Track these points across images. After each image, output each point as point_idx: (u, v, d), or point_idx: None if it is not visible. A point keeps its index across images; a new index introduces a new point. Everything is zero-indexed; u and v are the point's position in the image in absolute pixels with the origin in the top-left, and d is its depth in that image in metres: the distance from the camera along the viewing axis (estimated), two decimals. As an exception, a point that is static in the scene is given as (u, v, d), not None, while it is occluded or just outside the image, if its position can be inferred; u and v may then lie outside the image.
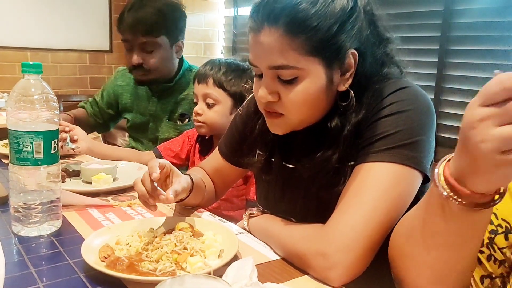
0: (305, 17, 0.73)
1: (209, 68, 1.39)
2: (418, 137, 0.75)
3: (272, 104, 0.80)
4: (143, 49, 1.62)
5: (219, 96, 1.37)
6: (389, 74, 0.83)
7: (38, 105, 0.82)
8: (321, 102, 0.79)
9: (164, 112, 1.75)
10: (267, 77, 0.79)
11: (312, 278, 0.72)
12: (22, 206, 0.83)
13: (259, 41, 0.76)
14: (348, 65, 0.78)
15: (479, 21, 1.79)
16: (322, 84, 0.77)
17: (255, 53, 0.79)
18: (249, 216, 0.93)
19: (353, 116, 0.79)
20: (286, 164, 0.91)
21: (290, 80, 0.76)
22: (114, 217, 0.97)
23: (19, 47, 3.34)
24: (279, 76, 0.77)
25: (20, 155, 0.82)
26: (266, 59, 0.77)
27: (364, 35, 0.78)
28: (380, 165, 0.74)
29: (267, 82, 0.78)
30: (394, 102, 0.77)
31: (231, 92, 1.37)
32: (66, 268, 0.73)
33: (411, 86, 0.81)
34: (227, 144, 1.08)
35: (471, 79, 1.82)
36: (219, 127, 1.38)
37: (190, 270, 0.70)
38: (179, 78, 1.74)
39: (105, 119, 1.90)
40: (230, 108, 1.39)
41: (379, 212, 0.71)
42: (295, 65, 0.75)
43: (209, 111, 1.39)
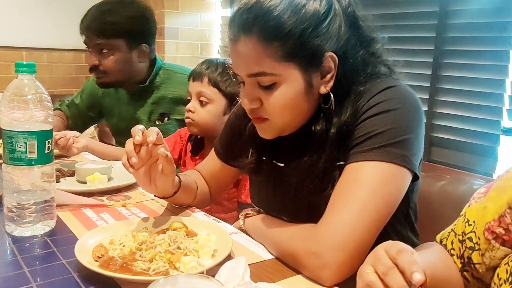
0: (277, 25, 0.75)
1: (206, 67, 1.37)
2: (406, 135, 0.76)
3: (256, 110, 0.82)
4: (99, 50, 1.61)
5: (213, 95, 1.35)
6: (376, 74, 0.84)
7: (32, 105, 0.82)
8: (302, 105, 0.80)
9: (144, 114, 1.73)
10: (248, 85, 0.81)
11: (304, 277, 0.73)
12: (16, 206, 0.83)
13: (237, 51, 0.79)
14: (328, 67, 0.79)
15: (475, 22, 1.79)
16: (300, 88, 0.78)
17: (235, 62, 0.82)
18: (245, 216, 0.94)
19: (336, 119, 0.80)
20: (276, 162, 0.92)
21: (269, 86, 0.78)
22: (109, 217, 0.97)
23: (14, 47, 3.33)
24: (258, 83, 0.79)
25: (14, 155, 0.82)
26: (244, 67, 0.79)
27: (344, 37, 0.79)
28: (369, 164, 0.75)
29: (248, 89, 0.81)
30: (382, 101, 0.78)
31: (226, 93, 1.35)
32: (60, 268, 0.73)
33: (399, 85, 0.81)
34: (222, 144, 1.09)
35: (466, 80, 1.83)
36: (211, 127, 1.36)
37: (184, 270, 0.70)
38: (153, 78, 1.71)
39: (85, 121, 1.88)
40: (223, 108, 1.36)
41: (369, 211, 0.72)
42: (271, 71, 0.77)
43: (201, 110, 1.36)
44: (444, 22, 1.88)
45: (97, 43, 1.60)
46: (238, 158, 0.98)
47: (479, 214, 0.65)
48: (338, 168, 0.79)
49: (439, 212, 1.12)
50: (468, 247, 0.66)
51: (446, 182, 1.19)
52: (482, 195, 0.68)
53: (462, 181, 1.19)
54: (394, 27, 2.08)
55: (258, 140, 0.91)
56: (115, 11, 1.60)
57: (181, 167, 1.51)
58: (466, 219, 0.68)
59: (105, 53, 1.61)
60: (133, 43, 1.64)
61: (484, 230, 0.63)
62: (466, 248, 0.66)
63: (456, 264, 0.68)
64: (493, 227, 0.62)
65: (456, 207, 0.77)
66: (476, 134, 1.80)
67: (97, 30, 1.58)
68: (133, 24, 1.62)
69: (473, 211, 0.67)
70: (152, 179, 0.88)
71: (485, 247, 0.63)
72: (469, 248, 0.66)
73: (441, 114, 1.93)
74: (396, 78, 0.87)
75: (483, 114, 1.77)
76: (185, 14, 3.31)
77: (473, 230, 0.66)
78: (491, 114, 1.75)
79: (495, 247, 0.62)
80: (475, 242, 0.65)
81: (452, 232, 0.71)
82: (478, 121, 1.79)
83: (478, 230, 0.65)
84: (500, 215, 0.62)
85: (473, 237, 0.66)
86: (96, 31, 1.58)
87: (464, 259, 0.67)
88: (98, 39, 1.59)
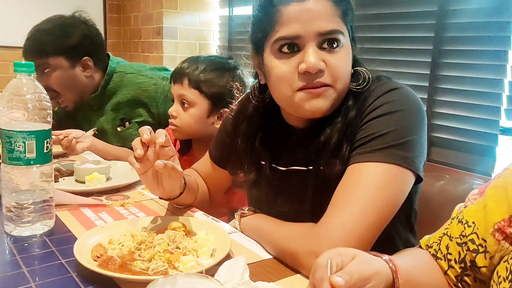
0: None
1: (186, 66, 1.29)
2: (409, 137, 0.76)
3: (319, 76, 0.77)
4: (41, 71, 1.59)
5: (195, 98, 1.27)
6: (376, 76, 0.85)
7: (31, 105, 0.82)
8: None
9: (107, 123, 1.70)
10: (313, 46, 0.77)
11: (304, 277, 0.73)
12: (14, 206, 0.83)
13: (307, 9, 0.77)
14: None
15: (473, 21, 1.80)
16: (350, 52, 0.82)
17: (303, 21, 0.77)
18: (240, 215, 0.93)
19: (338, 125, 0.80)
20: (276, 166, 0.91)
21: (335, 46, 0.78)
22: (107, 217, 0.97)
23: (12, 46, 3.32)
24: (327, 43, 0.78)
25: (13, 154, 0.82)
26: (316, 25, 0.77)
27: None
28: (372, 165, 0.75)
29: (314, 50, 0.77)
30: (385, 103, 0.78)
31: (208, 94, 1.27)
32: (59, 268, 0.73)
33: (402, 87, 0.81)
34: (217, 148, 1.08)
35: (465, 80, 1.83)
36: (195, 131, 1.31)
37: (183, 269, 0.70)
38: (105, 85, 1.68)
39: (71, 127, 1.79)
40: (206, 111, 1.29)
41: (370, 212, 0.72)
42: (341, 30, 0.79)
43: (184, 114, 1.29)
44: (443, 22, 1.88)
45: (38, 64, 1.54)
46: (234, 169, 0.98)
47: (479, 214, 0.65)
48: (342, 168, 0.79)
49: (439, 212, 1.12)
50: (471, 250, 0.65)
51: (446, 182, 1.19)
52: (477, 195, 0.67)
53: (461, 181, 1.19)
54: (392, 26, 2.08)
55: (254, 142, 0.90)
56: (51, 30, 1.58)
57: None
58: (464, 221, 0.67)
59: (48, 72, 1.59)
60: (74, 59, 1.61)
61: (494, 231, 0.62)
62: (468, 251, 0.65)
63: (454, 269, 0.67)
64: (504, 227, 0.61)
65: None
66: (474, 133, 1.80)
67: (35, 51, 1.55)
68: (69, 40, 1.59)
69: (470, 212, 0.67)
70: (160, 182, 0.88)
71: (495, 249, 0.62)
72: (472, 251, 0.65)
73: (439, 114, 1.93)
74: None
75: (481, 114, 1.78)
76: (183, 13, 3.31)
77: (474, 231, 0.65)
78: (489, 113, 1.75)
79: (503, 247, 0.61)
80: (478, 244, 0.64)
81: (445, 236, 0.69)
82: (477, 121, 1.79)
83: (481, 231, 0.64)
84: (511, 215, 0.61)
85: (475, 239, 0.65)
86: (34, 52, 1.55)
87: (465, 263, 0.66)
88: (36, 60, 1.51)
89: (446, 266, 0.67)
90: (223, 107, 1.29)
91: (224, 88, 1.27)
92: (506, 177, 0.64)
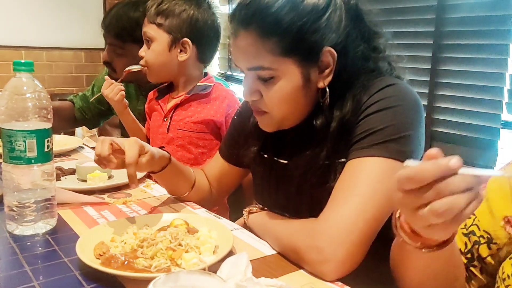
0: (275, 20, 0.75)
1: (150, 5, 1.32)
2: (406, 132, 0.76)
3: (256, 103, 0.83)
4: (113, 50, 1.62)
5: (154, 33, 1.31)
6: (376, 69, 0.84)
7: (31, 104, 0.82)
8: (300, 100, 0.81)
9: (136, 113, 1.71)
10: (248, 78, 0.82)
11: (306, 272, 0.73)
12: (16, 205, 0.83)
13: (237, 45, 0.80)
14: (326, 62, 0.79)
15: (473, 15, 1.79)
16: (298, 83, 0.79)
17: (235, 56, 0.83)
18: (249, 212, 0.94)
19: (337, 113, 0.80)
20: (278, 159, 0.92)
21: (268, 79, 0.79)
22: (110, 215, 0.97)
23: (13, 46, 3.32)
24: (258, 76, 0.80)
25: (13, 153, 0.82)
26: (244, 61, 0.81)
27: (344, 31, 0.79)
28: (370, 160, 0.75)
29: (248, 82, 0.82)
30: (381, 99, 0.78)
31: (166, 26, 1.30)
32: (61, 266, 0.73)
33: (399, 83, 0.81)
34: (226, 143, 1.09)
35: (465, 74, 1.82)
36: (161, 68, 1.34)
37: (185, 267, 0.70)
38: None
39: (94, 114, 1.87)
40: (167, 43, 1.32)
41: (370, 206, 0.72)
42: (269, 66, 0.78)
43: (148, 51, 1.34)
44: (443, 16, 1.87)
45: (112, 43, 1.60)
46: (241, 149, 0.99)
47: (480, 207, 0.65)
48: (340, 164, 0.79)
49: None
50: (473, 242, 0.65)
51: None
52: None
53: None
54: (392, 21, 2.07)
55: (260, 133, 0.91)
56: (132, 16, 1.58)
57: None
58: None
59: (118, 54, 1.62)
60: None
61: (505, 224, 0.62)
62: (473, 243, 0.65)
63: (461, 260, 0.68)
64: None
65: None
66: (476, 128, 1.80)
67: (113, 31, 1.58)
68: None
69: None
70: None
71: (505, 242, 0.62)
72: (474, 243, 0.65)
73: (440, 109, 1.92)
74: (397, 74, 0.87)
75: (483, 108, 1.77)
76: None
77: (474, 223, 0.66)
78: (490, 107, 1.74)
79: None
80: (479, 236, 0.64)
81: None
82: (478, 115, 1.78)
83: (484, 224, 0.64)
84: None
85: (475, 231, 0.65)
86: (112, 32, 1.58)
87: (472, 254, 0.66)
88: (112, 39, 1.59)
89: None
90: (183, 37, 1.32)
91: (181, 18, 1.30)
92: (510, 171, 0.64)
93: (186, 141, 1.36)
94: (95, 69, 3.76)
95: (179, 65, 1.36)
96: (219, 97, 1.38)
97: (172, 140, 1.38)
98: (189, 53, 1.34)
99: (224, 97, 1.38)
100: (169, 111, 1.39)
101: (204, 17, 1.34)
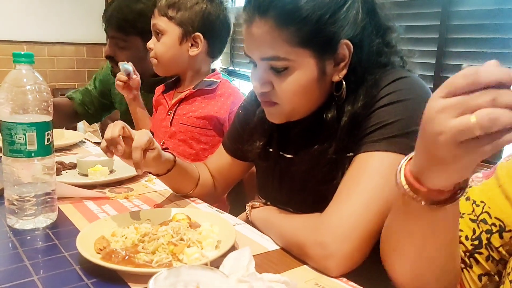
0: (294, 9, 0.73)
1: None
2: (416, 126, 0.73)
3: (267, 94, 0.80)
4: (115, 43, 1.61)
5: (165, 25, 1.29)
6: (389, 64, 0.82)
7: (31, 96, 0.81)
8: (313, 92, 0.79)
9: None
10: (260, 68, 0.79)
11: (310, 268, 0.72)
12: (16, 199, 0.82)
13: (251, 33, 0.77)
14: (342, 55, 0.77)
15: (479, 9, 1.77)
16: (313, 75, 0.77)
17: (248, 44, 0.80)
18: (251, 207, 0.93)
19: (349, 107, 0.78)
20: (283, 154, 0.90)
21: (282, 70, 0.76)
22: (111, 209, 0.96)
23: (15, 41, 3.32)
24: (271, 67, 0.77)
25: (13, 147, 0.81)
26: (258, 50, 0.78)
27: (361, 24, 0.77)
28: (378, 154, 0.73)
29: (260, 72, 0.79)
30: (392, 92, 0.76)
31: (177, 19, 1.28)
32: (62, 261, 0.72)
33: (410, 76, 0.80)
34: (229, 137, 1.08)
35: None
36: (170, 62, 1.33)
37: (187, 261, 0.69)
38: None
39: (97, 108, 1.86)
40: (178, 37, 1.30)
41: (376, 202, 0.70)
42: (285, 56, 0.75)
43: (157, 44, 1.31)
44: (448, 10, 1.85)
45: (114, 36, 1.59)
46: (245, 144, 0.97)
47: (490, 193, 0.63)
48: (348, 159, 0.78)
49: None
50: (485, 231, 0.63)
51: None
52: (482, 178, 0.66)
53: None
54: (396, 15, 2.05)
55: (266, 126, 0.90)
56: (134, 8, 1.57)
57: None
58: (471, 200, 0.66)
59: (121, 48, 1.61)
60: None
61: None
62: (483, 231, 0.64)
63: (463, 245, 0.66)
64: None
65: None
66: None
67: (116, 24, 1.57)
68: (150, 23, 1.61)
69: (475, 192, 0.66)
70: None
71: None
72: (486, 232, 0.63)
73: (445, 104, 1.90)
74: (409, 68, 0.85)
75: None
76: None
77: (484, 211, 0.64)
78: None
79: None
80: (491, 224, 0.63)
81: None
82: (484, 110, 1.77)
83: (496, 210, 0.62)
84: None
85: (487, 219, 0.63)
86: (113, 25, 1.57)
87: (480, 241, 0.64)
88: (114, 33, 1.58)
89: None
90: (194, 31, 1.30)
91: (193, 12, 1.28)
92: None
93: (188, 136, 1.35)
94: (96, 64, 3.75)
95: (189, 59, 1.34)
96: (225, 94, 1.36)
97: (174, 134, 1.36)
98: (200, 48, 1.32)
99: (229, 94, 1.36)
100: (173, 105, 1.38)
101: (217, 12, 1.32)
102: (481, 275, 0.65)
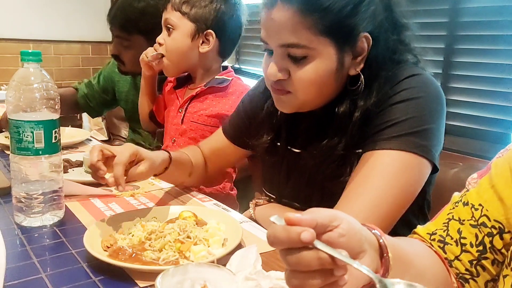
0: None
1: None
2: (428, 125, 0.74)
3: (281, 82, 0.79)
4: (120, 43, 1.61)
5: (177, 21, 1.27)
6: (402, 62, 0.82)
7: (38, 94, 0.81)
8: (330, 84, 0.78)
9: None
10: (277, 55, 0.78)
11: (317, 266, 0.71)
12: (24, 196, 0.83)
13: (271, 18, 0.75)
14: (361, 48, 0.76)
15: (488, 5, 1.75)
16: (332, 66, 0.76)
17: (267, 30, 0.78)
18: (255, 205, 0.92)
19: (362, 103, 0.77)
20: (291, 148, 0.90)
21: (301, 58, 0.75)
22: (117, 207, 0.96)
23: (21, 39, 3.34)
24: (289, 54, 0.76)
25: (21, 144, 0.81)
26: (277, 36, 0.76)
27: (379, 19, 0.77)
28: (388, 153, 0.73)
29: (277, 59, 0.77)
30: (404, 89, 0.76)
31: (190, 15, 1.27)
32: (69, 258, 0.73)
33: (422, 73, 0.79)
34: (232, 124, 1.07)
35: (479, 66, 1.78)
36: (178, 55, 1.31)
37: (194, 259, 0.69)
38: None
39: (98, 103, 1.87)
40: (190, 33, 1.28)
41: (385, 200, 0.70)
42: (306, 44, 0.74)
43: (168, 39, 1.30)
44: (457, 6, 1.83)
45: (118, 35, 1.60)
46: (252, 138, 0.96)
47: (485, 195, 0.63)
48: (356, 155, 0.77)
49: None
50: (486, 234, 0.63)
51: (459, 169, 1.17)
52: (477, 179, 0.65)
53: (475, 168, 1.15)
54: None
55: (275, 120, 0.89)
56: (138, 7, 1.57)
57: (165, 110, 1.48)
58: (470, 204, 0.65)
59: (125, 47, 1.61)
60: (153, 41, 1.60)
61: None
62: (485, 235, 0.63)
63: (470, 253, 0.64)
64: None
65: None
66: (489, 120, 1.76)
67: (119, 24, 1.58)
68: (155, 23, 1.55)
69: (473, 195, 0.65)
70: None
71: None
72: (487, 235, 0.63)
73: (453, 101, 1.89)
74: (422, 66, 0.84)
75: (496, 101, 1.73)
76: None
77: (483, 214, 0.63)
78: (504, 100, 1.71)
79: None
80: (491, 226, 0.62)
81: (452, 221, 0.66)
82: (491, 108, 1.75)
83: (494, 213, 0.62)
84: None
85: (486, 222, 0.63)
86: (117, 24, 1.58)
87: (484, 245, 0.64)
88: (118, 32, 1.59)
89: (458, 251, 0.64)
90: (207, 28, 1.29)
91: (207, 9, 1.28)
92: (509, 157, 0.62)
93: (199, 134, 1.34)
94: (102, 62, 3.75)
95: (199, 56, 1.33)
96: (236, 92, 1.35)
97: (185, 132, 1.36)
98: (211, 45, 1.31)
99: (241, 92, 1.34)
100: (184, 102, 1.37)
101: (230, 12, 1.31)
102: (487, 281, 0.64)
